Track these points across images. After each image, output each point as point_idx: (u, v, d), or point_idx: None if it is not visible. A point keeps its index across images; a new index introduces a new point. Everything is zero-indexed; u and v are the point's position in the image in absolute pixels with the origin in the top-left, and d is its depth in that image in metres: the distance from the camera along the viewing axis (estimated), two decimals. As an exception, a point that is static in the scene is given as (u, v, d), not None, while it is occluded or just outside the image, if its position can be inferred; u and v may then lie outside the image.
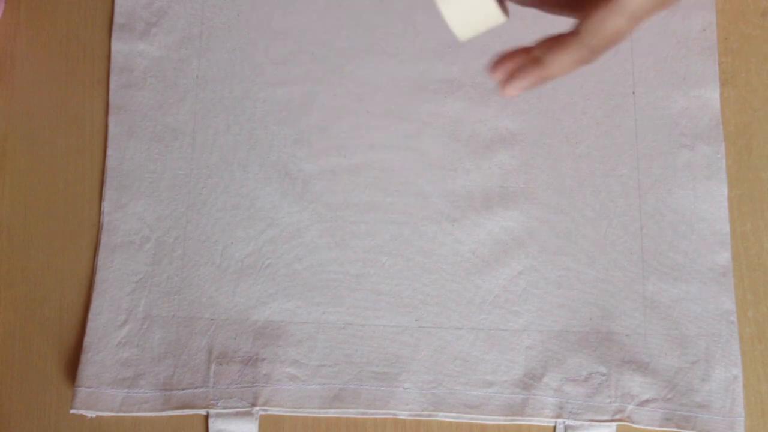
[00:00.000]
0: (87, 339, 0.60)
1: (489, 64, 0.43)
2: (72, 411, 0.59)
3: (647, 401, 0.59)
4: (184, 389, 0.59)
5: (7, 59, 0.66)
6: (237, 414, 0.59)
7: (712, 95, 0.64)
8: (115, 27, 0.66)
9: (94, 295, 0.61)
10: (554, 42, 0.41)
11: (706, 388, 0.59)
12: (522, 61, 0.42)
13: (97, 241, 0.62)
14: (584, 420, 0.58)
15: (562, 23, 0.42)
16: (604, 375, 0.59)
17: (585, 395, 0.59)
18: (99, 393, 0.59)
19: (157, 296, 0.61)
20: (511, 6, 0.45)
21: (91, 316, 0.61)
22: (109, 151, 0.64)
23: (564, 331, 0.60)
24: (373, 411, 0.59)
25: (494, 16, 0.41)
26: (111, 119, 0.64)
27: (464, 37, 0.42)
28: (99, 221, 0.63)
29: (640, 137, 0.63)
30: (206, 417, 0.59)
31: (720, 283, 0.61)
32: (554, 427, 0.59)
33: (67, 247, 0.63)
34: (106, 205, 0.63)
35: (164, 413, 0.59)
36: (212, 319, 0.61)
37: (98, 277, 0.61)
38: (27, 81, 0.65)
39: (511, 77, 0.42)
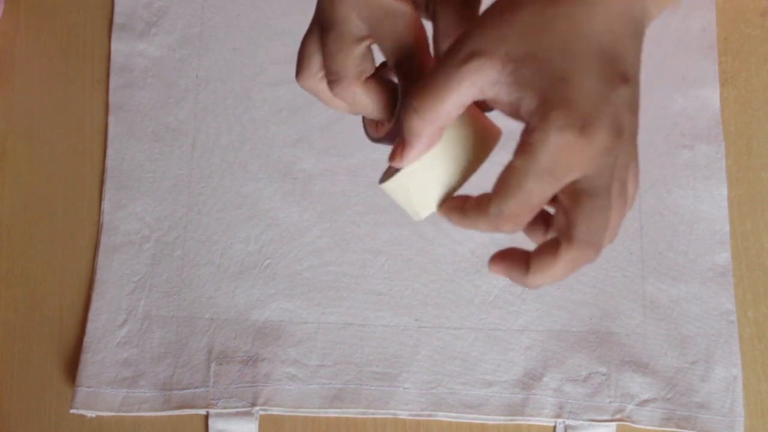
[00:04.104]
0: (87, 339, 0.60)
1: None
2: (72, 411, 0.59)
3: (647, 401, 0.59)
4: (184, 389, 0.59)
5: (7, 59, 0.66)
6: (237, 414, 0.59)
7: (711, 95, 0.63)
8: (115, 27, 0.66)
9: (94, 295, 0.61)
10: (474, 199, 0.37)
11: (705, 388, 0.59)
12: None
13: (97, 241, 0.62)
14: (584, 420, 0.58)
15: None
16: (603, 375, 0.59)
17: (585, 395, 0.59)
18: (99, 393, 0.59)
19: (157, 296, 0.61)
20: None
21: (91, 316, 0.61)
22: (109, 151, 0.64)
23: (563, 331, 0.60)
24: (373, 411, 0.59)
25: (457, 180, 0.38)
26: (111, 119, 0.64)
27: (425, 214, 0.39)
28: (99, 221, 0.63)
29: (640, 137, 0.63)
30: (206, 417, 0.59)
31: (719, 283, 0.61)
32: (554, 427, 0.59)
33: (67, 247, 0.63)
34: (106, 205, 0.63)
35: (164, 413, 0.59)
36: (212, 319, 0.61)
37: (98, 277, 0.61)
38: (27, 81, 0.65)
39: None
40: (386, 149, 0.50)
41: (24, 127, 0.65)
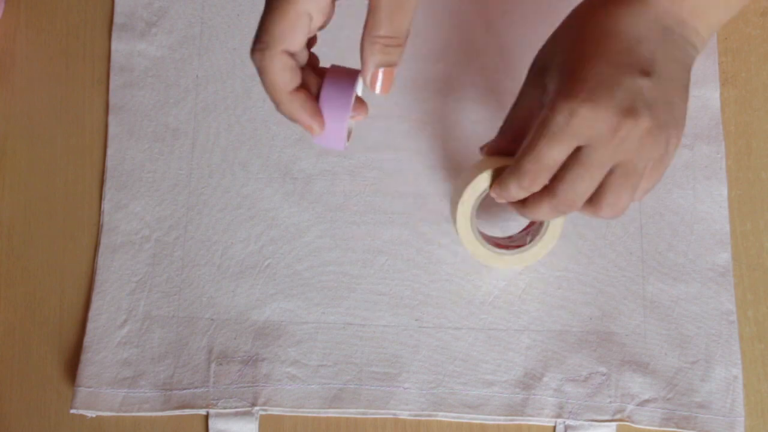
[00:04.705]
0: (87, 339, 0.60)
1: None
2: (72, 411, 0.59)
3: (647, 401, 0.59)
4: (184, 389, 0.59)
5: (7, 59, 0.66)
6: (237, 414, 0.59)
7: (712, 95, 0.63)
8: (115, 27, 0.66)
9: (94, 295, 0.61)
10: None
11: (706, 388, 0.59)
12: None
13: (97, 241, 0.62)
14: (584, 420, 0.58)
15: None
16: (604, 375, 0.59)
17: (585, 395, 0.59)
18: (99, 393, 0.59)
19: (157, 296, 0.61)
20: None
21: (91, 316, 0.61)
22: (109, 151, 0.64)
23: (564, 332, 0.60)
24: (373, 411, 0.59)
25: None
26: (111, 119, 0.64)
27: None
28: (99, 221, 0.63)
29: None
30: (206, 417, 0.59)
31: (720, 283, 0.61)
32: (554, 427, 0.59)
33: (67, 247, 0.63)
34: (106, 205, 0.63)
35: (164, 413, 0.59)
36: (212, 319, 0.61)
37: (98, 278, 0.62)
38: (27, 81, 0.65)
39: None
40: (389, 152, 0.50)
41: (24, 127, 0.65)
